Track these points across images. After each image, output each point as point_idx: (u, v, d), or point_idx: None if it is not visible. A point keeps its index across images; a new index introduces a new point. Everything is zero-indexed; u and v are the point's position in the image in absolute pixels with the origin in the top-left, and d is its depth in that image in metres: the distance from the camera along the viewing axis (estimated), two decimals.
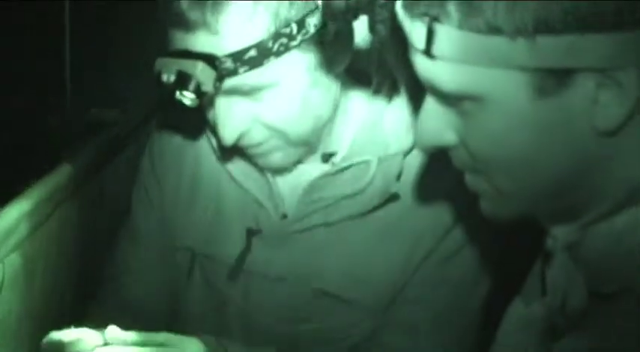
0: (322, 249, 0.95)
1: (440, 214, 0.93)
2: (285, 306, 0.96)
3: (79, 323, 0.83)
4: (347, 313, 0.95)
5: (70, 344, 0.77)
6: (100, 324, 0.82)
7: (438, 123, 0.66)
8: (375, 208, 0.93)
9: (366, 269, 0.94)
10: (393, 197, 0.92)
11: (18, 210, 0.87)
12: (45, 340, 0.78)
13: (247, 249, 0.96)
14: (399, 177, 0.92)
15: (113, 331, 0.79)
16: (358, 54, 0.85)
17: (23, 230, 0.88)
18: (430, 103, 0.67)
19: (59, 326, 0.81)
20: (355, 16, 0.75)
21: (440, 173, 0.86)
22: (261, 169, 0.95)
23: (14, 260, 0.86)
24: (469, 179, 0.69)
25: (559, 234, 0.67)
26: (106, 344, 0.79)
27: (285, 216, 0.96)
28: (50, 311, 1.00)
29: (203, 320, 0.99)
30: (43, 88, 1.51)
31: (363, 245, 0.94)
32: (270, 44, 0.81)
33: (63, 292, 1.06)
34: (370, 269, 0.94)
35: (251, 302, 0.96)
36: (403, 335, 0.94)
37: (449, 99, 0.64)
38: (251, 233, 0.96)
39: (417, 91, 0.70)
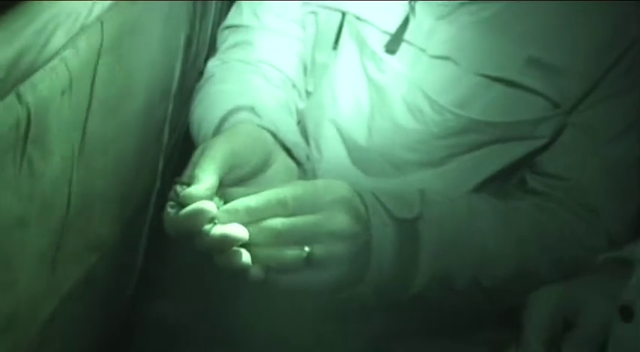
0: (497, 27, 0.88)
1: None
2: (448, 89, 0.89)
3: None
4: (523, 106, 0.88)
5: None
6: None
7: None
8: None
9: (554, 55, 0.87)
10: None
11: None
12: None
13: (410, 14, 0.90)
14: None
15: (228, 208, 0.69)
16: None
17: None
18: None
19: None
20: None
21: None
22: None
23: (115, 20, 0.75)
24: None
25: None
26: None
27: None
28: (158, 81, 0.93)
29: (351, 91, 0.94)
30: None
31: (555, 26, 0.87)
32: None
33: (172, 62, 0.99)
34: (559, 57, 0.87)
35: (407, 82, 0.90)
36: (583, 136, 0.89)
37: None
38: None
39: None
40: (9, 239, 0.61)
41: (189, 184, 0.70)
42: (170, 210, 0.70)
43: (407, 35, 0.91)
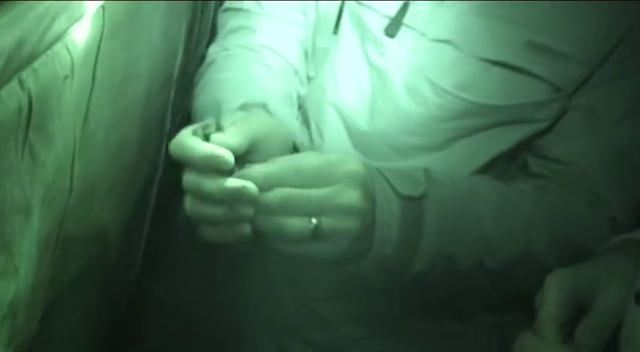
0: (498, 11, 0.88)
1: None
2: (449, 73, 0.89)
3: None
4: (524, 90, 0.88)
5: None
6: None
7: None
8: None
9: (554, 40, 0.87)
10: None
11: None
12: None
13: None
14: None
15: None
16: None
17: None
18: None
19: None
20: None
21: None
22: None
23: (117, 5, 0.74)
24: None
25: None
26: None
27: None
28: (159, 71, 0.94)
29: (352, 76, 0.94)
30: None
31: (556, 11, 0.88)
32: None
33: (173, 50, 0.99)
34: (559, 42, 0.87)
35: (408, 65, 0.91)
36: (586, 120, 0.89)
37: None
38: None
39: None
40: (10, 226, 0.61)
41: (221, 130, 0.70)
42: (193, 134, 0.69)
43: (407, 19, 0.91)
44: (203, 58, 1.02)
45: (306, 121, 0.96)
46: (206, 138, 0.69)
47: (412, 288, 0.83)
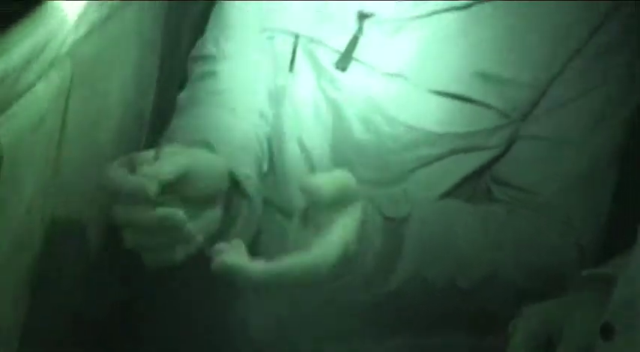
0: (445, 42, 0.89)
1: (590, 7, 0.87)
2: (401, 105, 0.90)
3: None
4: (475, 119, 0.89)
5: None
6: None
7: None
8: None
9: (501, 67, 0.88)
10: None
11: None
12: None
13: (358, 33, 0.91)
14: None
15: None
16: None
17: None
18: None
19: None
20: None
21: None
22: None
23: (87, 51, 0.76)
24: None
25: None
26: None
27: None
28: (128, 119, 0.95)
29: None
30: None
31: (501, 37, 0.88)
32: None
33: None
34: (506, 69, 0.88)
35: (362, 99, 0.92)
36: (544, 147, 0.90)
37: None
38: (362, 16, 0.92)
39: None
40: None
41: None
42: (118, 166, 0.70)
43: (358, 54, 0.92)
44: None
45: (270, 159, 0.97)
46: (134, 169, 0.71)
47: (389, 306, 0.84)
